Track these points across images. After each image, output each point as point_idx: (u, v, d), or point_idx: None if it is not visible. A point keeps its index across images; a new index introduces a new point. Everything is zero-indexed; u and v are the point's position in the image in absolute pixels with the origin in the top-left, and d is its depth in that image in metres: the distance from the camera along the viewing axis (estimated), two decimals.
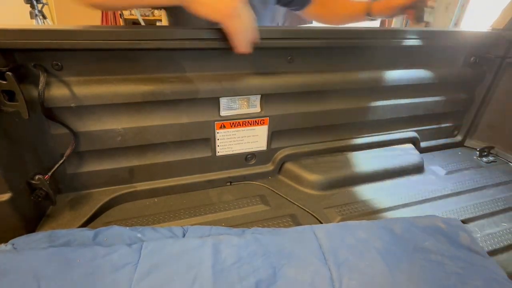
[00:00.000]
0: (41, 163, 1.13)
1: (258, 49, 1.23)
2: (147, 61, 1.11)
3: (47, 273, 0.85)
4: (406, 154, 1.66)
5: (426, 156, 1.75)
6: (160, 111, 1.21)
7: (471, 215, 1.30)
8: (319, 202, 1.35)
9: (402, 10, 1.46)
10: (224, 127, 1.32)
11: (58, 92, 1.03)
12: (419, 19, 1.42)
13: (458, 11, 5.23)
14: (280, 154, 1.49)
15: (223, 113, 1.30)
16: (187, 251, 0.97)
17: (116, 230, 1.04)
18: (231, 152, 1.40)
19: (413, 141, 1.76)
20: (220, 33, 1.11)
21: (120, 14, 4.26)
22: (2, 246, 0.94)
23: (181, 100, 1.19)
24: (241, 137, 1.38)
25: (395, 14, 1.53)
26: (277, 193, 1.41)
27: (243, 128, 1.35)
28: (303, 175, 1.46)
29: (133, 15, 4.24)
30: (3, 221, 1.00)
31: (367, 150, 1.65)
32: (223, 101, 1.27)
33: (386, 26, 5.56)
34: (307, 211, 1.30)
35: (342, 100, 1.47)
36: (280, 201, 1.36)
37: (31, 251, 0.91)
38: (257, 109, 1.35)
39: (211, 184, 1.42)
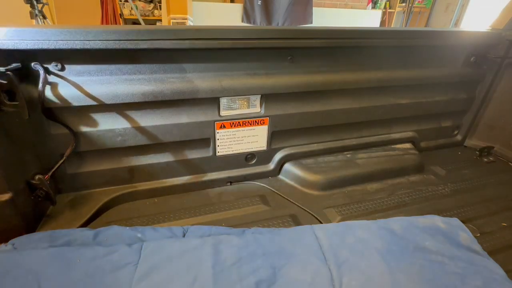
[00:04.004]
0: (41, 163, 1.13)
1: (258, 49, 1.24)
2: (147, 61, 1.11)
3: (47, 273, 0.85)
4: (406, 154, 1.66)
5: (426, 156, 1.75)
6: (160, 111, 1.21)
7: (471, 215, 1.30)
8: (319, 202, 1.36)
9: None
10: (224, 127, 1.32)
11: (58, 92, 1.03)
12: None
13: (458, 11, 5.23)
14: (280, 154, 1.49)
15: (223, 113, 1.30)
16: (187, 251, 0.97)
17: (116, 230, 1.05)
18: (231, 152, 1.40)
19: (413, 141, 1.76)
20: (220, 33, 1.12)
21: (120, 14, 4.25)
22: (2, 246, 0.94)
23: (181, 100, 1.19)
24: (241, 137, 1.38)
25: None
26: (277, 193, 1.41)
27: (243, 128, 1.35)
28: (303, 175, 1.46)
29: (133, 15, 4.23)
30: (3, 221, 1.00)
31: (367, 150, 1.65)
32: (223, 101, 1.27)
33: (386, 26, 5.57)
34: (307, 211, 1.30)
35: (342, 100, 1.47)
36: (280, 201, 1.36)
37: (31, 251, 0.92)
38: (257, 109, 1.35)
39: (211, 184, 1.42)
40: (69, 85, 1.05)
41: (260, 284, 0.88)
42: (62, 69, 1.03)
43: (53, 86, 1.03)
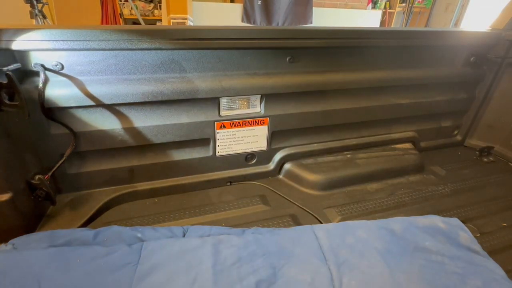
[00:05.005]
0: (41, 163, 1.13)
1: (258, 49, 1.24)
2: (147, 61, 1.11)
3: (47, 273, 0.85)
4: (406, 154, 1.66)
5: (426, 156, 1.75)
6: (160, 111, 1.21)
7: (471, 215, 1.30)
8: (319, 202, 1.36)
9: None
10: (224, 127, 1.32)
11: (58, 92, 1.03)
12: None
13: (458, 11, 5.23)
14: (280, 154, 1.49)
15: (223, 113, 1.30)
16: (187, 251, 0.97)
17: (116, 230, 1.05)
18: (231, 152, 1.40)
19: (413, 141, 1.76)
20: (220, 33, 1.12)
21: (120, 14, 4.25)
22: (2, 246, 0.94)
23: (181, 100, 1.19)
24: (241, 137, 1.38)
25: None
26: (277, 193, 1.41)
27: (243, 128, 1.35)
28: (303, 175, 1.46)
29: (133, 15, 4.23)
30: (3, 221, 1.00)
31: (367, 150, 1.65)
32: (223, 101, 1.27)
33: (386, 26, 5.56)
34: (307, 211, 1.30)
35: (342, 100, 1.47)
36: (280, 201, 1.36)
37: (31, 251, 0.92)
38: (257, 109, 1.35)
39: (211, 184, 1.42)
40: (69, 85, 1.04)
41: (260, 284, 0.88)
42: (63, 68, 1.03)
43: (53, 86, 1.03)
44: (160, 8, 4.28)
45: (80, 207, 1.20)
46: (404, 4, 5.59)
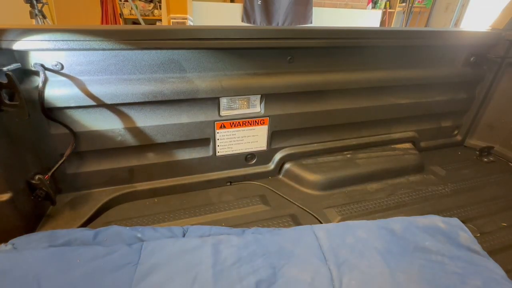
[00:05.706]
0: (41, 163, 1.13)
1: (258, 49, 1.24)
2: (147, 61, 1.11)
3: (47, 273, 0.85)
4: (406, 154, 1.66)
5: (426, 156, 1.75)
6: (160, 111, 1.21)
7: (471, 215, 1.30)
8: (319, 202, 1.36)
9: None
10: (224, 127, 1.32)
11: (58, 92, 1.03)
12: None
13: (458, 11, 5.23)
14: (280, 154, 1.49)
15: (223, 113, 1.30)
16: (187, 251, 0.97)
17: (116, 230, 1.04)
18: (231, 152, 1.40)
19: (413, 141, 1.76)
20: (220, 33, 1.12)
21: (120, 14, 4.25)
22: (2, 246, 0.94)
23: (181, 100, 1.19)
24: (241, 137, 1.38)
25: None
26: (277, 193, 1.41)
27: (243, 128, 1.35)
28: (303, 175, 1.46)
29: (133, 15, 4.23)
30: (3, 221, 1.00)
31: (367, 150, 1.65)
32: (223, 101, 1.27)
33: (386, 26, 5.56)
34: (307, 211, 1.30)
35: (342, 100, 1.47)
36: (280, 201, 1.36)
37: (31, 251, 0.91)
38: (257, 109, 1.35)
39: (211, 184, 1.42)
40: (69, 85, 1.04)
41: (260, 284, 0.88)
42: (63, 68, 1.03)
43: (53, 86, 1.03)
44: (160, 8, 4.27)
45: (80, 207, 1.20)
46: (404, 4, 5.58)
